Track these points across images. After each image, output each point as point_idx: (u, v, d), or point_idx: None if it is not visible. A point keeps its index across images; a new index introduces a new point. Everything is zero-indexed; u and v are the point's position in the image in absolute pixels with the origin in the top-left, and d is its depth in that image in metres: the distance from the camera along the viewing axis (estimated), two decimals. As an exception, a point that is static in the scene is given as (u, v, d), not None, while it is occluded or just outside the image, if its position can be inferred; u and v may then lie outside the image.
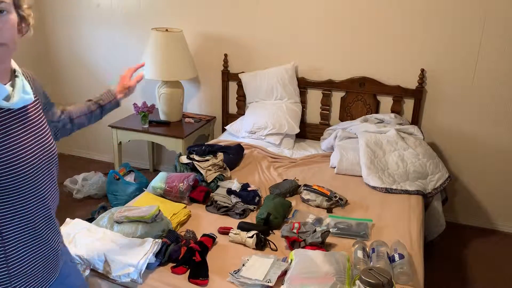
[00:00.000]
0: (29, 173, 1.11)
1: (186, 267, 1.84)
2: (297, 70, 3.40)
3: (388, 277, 1.51)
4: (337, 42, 3.26)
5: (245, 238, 2.02)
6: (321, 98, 3.40)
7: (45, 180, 1.18)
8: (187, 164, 2.70)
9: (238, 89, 3.59)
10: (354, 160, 2.83)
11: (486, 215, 3.32)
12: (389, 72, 3.19)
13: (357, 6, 3.13)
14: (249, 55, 3.50)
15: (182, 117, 3.67)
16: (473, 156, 3.20)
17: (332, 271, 1.70)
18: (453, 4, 2.93)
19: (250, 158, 3.00)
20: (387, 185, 2.65)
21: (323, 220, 2.23)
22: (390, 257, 1.88)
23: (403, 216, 2.36)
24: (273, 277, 1.73)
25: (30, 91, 1.16)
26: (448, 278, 2.76)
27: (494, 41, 2.93)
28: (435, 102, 3.17)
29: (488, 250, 3.07)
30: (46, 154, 1.19)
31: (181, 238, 2.00)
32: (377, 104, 3.27)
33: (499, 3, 2.85)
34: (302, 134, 3.43)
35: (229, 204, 2.34)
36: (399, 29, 3.09)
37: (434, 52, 3.06)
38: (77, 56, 4.03)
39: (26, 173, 1.10)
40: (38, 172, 1.14)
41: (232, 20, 3.47)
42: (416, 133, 3.01)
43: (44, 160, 1.18)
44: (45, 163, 1.18)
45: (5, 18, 1.03)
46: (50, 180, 1.20)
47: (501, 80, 2.99)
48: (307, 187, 2.50)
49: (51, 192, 1.21)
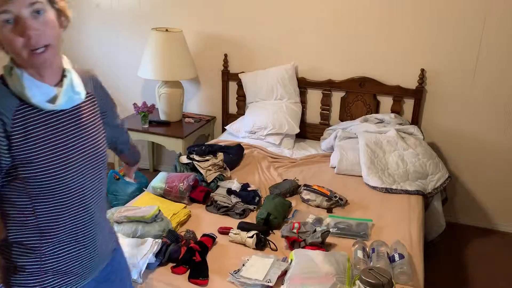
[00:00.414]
0: (71, 174, 1.10)
1: (186, 267, 1.84)
2: (297, 70, 3.40)
3: (388, 277, 1.51)
4: (337, 42, 3.26)
5: (245, 238, 2.02)
6: (321, 98, 3.40)
7: (90, 183, 1.16)
8: (187, 164, 2.70)
9: (238, 89, 3.59)
10: (354, 160, 2.83)
11: (486, 215, 3.32)
12: (389, 72, 3.19)
13: (357, 6, 3.13)
14: (249, 55, 3.50)
15: (182, 117, 3.67)
16: (473, 156, 3.20)
17: (332, 271, 1.70)
18: (453, 4, 2.93)
19: (250, 158, 3.00)
20: (387, 185, 2.65)
21: (323, 220, 2.23)
22: (390, 257, 1.88)
23: (403, 216, 2.35)
24: (273, 277, 1.73)
25: (80, 90, 1.14)
26: (448, 278, 2.76)
27: (494, 41, 2.93)
28: (435, 102, 3.17)
29: (488, 250, 3.06)
30: (94, 156, 1.17)
31: (181, 238, 2.00)
32: (377, 104, 3.27)
33: (499, 3, 2.85)
34: (302, 134, 3.42)
35: (229, 204, 2.34)
36: (399, 29, 3.09)
37: (434, 52, 3.06)
38: (77, 57, 4.02)
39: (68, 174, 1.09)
40: (82, 174, 1.13)
41: (232, 20, 3.47)
42: (416, 133, 3.01)
43: (91, 163, 1.16)
44: (91, 166, 1.16)
45: (43, 18, 1.01)
46: (95, 184, 1.18)
47: (501, 80, 2.99)
48: (307, 187, 2.50)
49: (95, 196, 1.19)
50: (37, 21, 0.99)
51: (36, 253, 1.12)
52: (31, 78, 1.04)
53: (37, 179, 1.05)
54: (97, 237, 1.23)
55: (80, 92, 1.14)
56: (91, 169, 1.16)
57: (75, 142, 1.12)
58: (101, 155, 1.20)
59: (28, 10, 0.98)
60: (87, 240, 1.20)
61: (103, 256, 1.28)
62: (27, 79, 1.03)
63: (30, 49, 0.99)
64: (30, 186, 1.06)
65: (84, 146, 1.14)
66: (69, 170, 1.10)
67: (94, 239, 1.22)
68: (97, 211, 1.21)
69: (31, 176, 1.05)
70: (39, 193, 1.07)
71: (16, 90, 1.03)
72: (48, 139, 1.07)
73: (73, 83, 1.12)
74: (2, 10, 0.95)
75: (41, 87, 1.05)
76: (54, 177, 1.07)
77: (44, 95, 1.05)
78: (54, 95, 1.07)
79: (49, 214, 1.10)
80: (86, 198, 1.15)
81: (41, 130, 1.06)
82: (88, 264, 1.22)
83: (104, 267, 1.29)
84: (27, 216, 1.09)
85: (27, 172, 1.04)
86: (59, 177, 1.08)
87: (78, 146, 1.13)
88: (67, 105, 1.10)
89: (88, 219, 1.18)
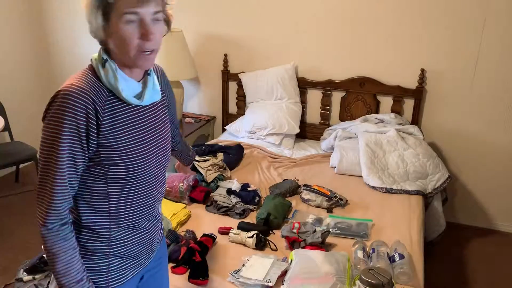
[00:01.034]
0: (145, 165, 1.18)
1: (186, 267, 1.84)
2: (297, 70, 3.40)
3: (388, 277, 1.51)
4: (337, 42, 3.26)
5: (245, 238, 2.02)
6: (321, 98, 3.40)
7: (158, 173, 1.24)
8: (187, 164, 2.69)
9: (238, 89, 3.59)
10: (354, 160, 2.83)
11: (486, 215, 3.32)
12: (389, 72, 3.19)
13: (357, 6, 3.13)
14: (249, 55, 3.50)
15: (182, 117, 3.67)
16: (473, 156, 3.20)
17: (332, 271, 1.70)
18: (453, 4, 2.93)
19: (250, 158, 3.00)
20: (387, 185, 2.65)
21: (323, 220, 2.23)
22: (390, 257, 1.88)
23: (403, 216, 2.36)
24: (273, 277, 1.73)
25: (159, 89, 1.23)
26: (448, 278, 2.76)
27: (494, 41, 2.93)
28: (435, 102, 3.17)
29: (488, 250, 3.06)
30: (163, 150, 1.25)
31: (181, 238, 2.00)
32: (377, 104, 3.27)
33: (499, 3, 2.85)
34: (302, 134, 3.42)
35: (229, 204, 2.34)
36: (399, 29, 3.09)
37: (434, 52, 3.06)
38: (77, 57, 4.02)
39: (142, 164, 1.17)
40: (153, 165, 1.21)
41: (232, 20, 3.47)
42: (416, 133, 3.01)
43: (161, 156, 1.24)
44: (160, 158, 1.24)
45: (159, 26, 1.10)
46: (161, 175, 1.26)
47: (501, 80, 2.99)
48: (307, 187, 2.50)
49: (160, 186, 1.28)
50: (155, 27, 1.08)
51: (105, 237, 1.19)
52: (123, 73, 1.12)
53: (117, 166, 1.13)
54: (157, 224, 1.33)
55: (159, 90, 1.23)
56: (160, 161, 1.24)
57: (151, 136, 1.20)
58: (168, 149, 1.29)
59: (151, 17, 1.07)
60: (150, 227, 1.28)
61: (158, 242, 1.37)
62: (120, 74, 1.11)
63: (141, 51, 1.07)
64: (110, 172, 1.13)
65: (157, 140, 1.22)
66: (144, 161, 1.18)
67: (154, 226, 1.31)
68: (159, 200, 1.30)
69: (112, 163, 1.12)
70: (116, 180, 1.15)
71: (107, 82, 1.10)
72: (130, 131, 1.15)
73: (154, 81, 1.21)
74: (132, 11, 1.03)
75: (130, 82, 1.13)
76: (131, 165, 1.15)
77: (132, 90, 1.13)
78: (139, 91, 1.16)
79: (120, 200, 1.18)
80: (153, 187, 1.24)
81: (125, 121, 1.14)
82: (148, 249, 1.31)
83: (156, 252, 1.38)
84: (101, 202, 1.16)
85: (109, 159, 1.11)
86: (136, 167, 1.15)
87: (153, 139, 1.21)
88: (148, 102, 1.18)
89: (152, 206, 1.26)
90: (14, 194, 3.59)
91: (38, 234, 1.15)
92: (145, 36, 1.06)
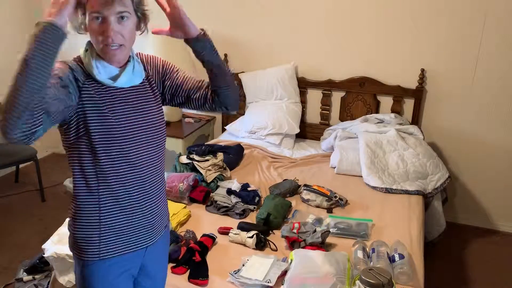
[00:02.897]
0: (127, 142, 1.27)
1: (186, 267, 1.84)
2: (297, 70, 3.40)
3: (388, 277, 1.51)
4: (337, 42, 3.26)
5: (245, 238, 2.02)
6: (321, 98, 3.40)
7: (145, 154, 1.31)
8: (187, 164, 2.69)
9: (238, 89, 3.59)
10: (354, 160, 2.83)
11: (486, 215, 3.32)
12: (389, 72, 3.19)
13: (357, 6, 3.13)
14: (249, 55, 3.50)
15: (182, 117, 3.67)
16: (473, 156, 3.20)
17: (332, 271, 1.70)
18: (453, 4, 2.93)
19: (250, 158, 3.00)
20: (387, 185, 2.65)
21: (323, 220, 2.23)
22: (390, 257, 1.88)
23: (403, 216, 2.35)
24: (273, 277, 1.73)
25: (140, 74, 1.33)
26: (448, 278, 2.76)
27: (494, 41, 2.93)
28: (435, 102, 3.17)
29: (488, 250, 3.06)
30: (150, 131, 1.33)
31: (181, 238, 2.00)
32: (377, 104, 3.27)
33: (499, 3, 2.85)
34: (302, 134, 3.43)
35: (229, 204, 2.34)
36: (399, 29, 3.09)
37: (434, 52, 3.06)
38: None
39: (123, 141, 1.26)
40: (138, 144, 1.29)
41: (232, 20, 3.47)
42: (416, 133, 3.01)
43: (147, 137, 1.32)
44: (147, 139, 1.32)
45: (125, 23, 1.22)
46: (150, 156, 1.33)
47: (501, 80, 2.99)
48: (307, 187, 2.50)
49: (151, 167, 1.34)
50: (120, 25, 1.21)
51: (95, 209, 1.29)
52: (101, 60, 1.25)
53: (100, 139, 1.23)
54: (153, 208, 1.38)
55: (141, 75, 1.33)
56: (146, 142, 1.32)
57: (133, 115, 1.29)
58: (158, 128, 1.36)
59: (115, 16, 1.19)
60: (145, 207, 1.35)
61: (158, 228, 1.42)
62: (97, 61, 1.24)
63: (106, 44, 1.20)
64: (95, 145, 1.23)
65: (142, 119, 1.31)
66: (125, 137, 1.26)
67: (152, 208, 1.37)
68: (153, 184, 1.36)
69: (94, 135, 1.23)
70: (100, 152, 1.24)
71: (86, 66, 1.25)
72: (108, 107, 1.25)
73: (135, 67, 1.31)
74: (96, 11, 1.18)
75: (107, 67, 1.25)
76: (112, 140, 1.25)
77: (107, 74, 1.25)
78: (116, 74, 1.27)
79: (107, 174, 1.27)
80: (142, 165, 1.31)
81: (103, 99, 1.25)
82: (143, 230, 1.36)
83: (158, 239, 1.43)
84: (89, 173, 1.27)
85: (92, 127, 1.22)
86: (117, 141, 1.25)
87: (136, 118, 1.30)
88: (125, 84, 1.29)
89: (144, 186, 1.33)
90: (14, 194, 3.59)
91: (38, 234, 1.15)
92: (105, 32, 1.19)
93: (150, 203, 1.37)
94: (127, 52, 1.28)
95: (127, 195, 1.31)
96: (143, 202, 1.34)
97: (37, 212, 3.30)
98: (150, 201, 1.37)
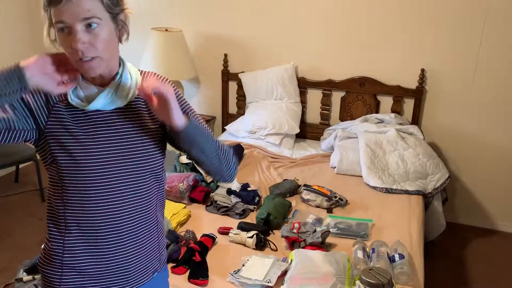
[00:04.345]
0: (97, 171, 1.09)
1: (186, 267, 1.84)
2: (297, 70, 3.40)
3: (388, 277, 1.51)
4: (337, 42, 3.26)
5: (245, 238, 2.02)
6: (321, 98, 3.40)
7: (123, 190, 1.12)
8: (187, 164, 2.70)
9: (238, 89, 3.59)
10: (354, 160, 2.83)
11: (486, 215, 3.32)
12: (389, 72, 3.19)
13: (357, 6, 3.13)
14: (249, 55, 3.50)
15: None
16: (473, 156, 3.20)
17: (332, 271, 1.70)
18: (453, 4, 2.93)
19: (250, 158, 3.00)
20: (387, 185, 2.65)
21: (323, 220, 2.23)
22: (390, 257, 1.88)
23: (403, 216, 2.35)
24: (273, 277, 1.73)
25: (126, 96, 1.12)
26: (448, 278, 2.76)
27: (494, 41, 2.93)
28: (435, 102, 3.17)
29: (488, 250, 3.06)
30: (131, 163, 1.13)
31: (181, 238, 2.00)
32: (377, 104, 3.27)
33: (499, 3, 2.85)
34: (302, 134, 3.42)
35: (229, 204, 2.34)
36: (399, 29, 3.09)
37: (434, 52, 3.06)
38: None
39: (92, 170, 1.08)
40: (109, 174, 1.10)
41: (232, 20, 3.47)
42: (416, 133, 3.01)
43: (126, 168, 1.12)
44: (122, 169, 1.12)
45: (96, 31, 1.01)
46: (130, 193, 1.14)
47: (501, 80, 2.99)
48: (307, 187, 2.50)
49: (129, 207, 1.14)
50: (89, 34, 1.01)
51: (60, 240, 1.15)
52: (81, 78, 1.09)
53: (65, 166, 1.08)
54: (130, 255, 1.17)
55: (124, 99, 1.12)
56: (124, 171, 1.12)
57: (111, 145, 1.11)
58: (141, 159, 1.14)
59: (81, 24, 1.00)
60: (116, 250, 1.15)
61: (137, 275, 1.21)
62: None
63: (79, 57, 1.02)
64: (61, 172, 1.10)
65: (122, 150, 1.12)
66: (98, 171, 1.09)
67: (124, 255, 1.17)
68: (133, 223, 1.16)
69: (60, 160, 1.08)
70: (67, 181, 1.10)
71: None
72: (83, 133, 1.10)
73: (119, 86, 1.11)
74: (58, 20, 1.00)
75: (87, 88, 1.09)
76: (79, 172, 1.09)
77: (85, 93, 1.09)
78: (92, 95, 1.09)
79: (73, 205, 1.12)
80: (116, 201, 1.12)
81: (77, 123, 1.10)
82: (112, 275, 1.17)
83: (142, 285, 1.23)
84: (57, 202, 1.14)
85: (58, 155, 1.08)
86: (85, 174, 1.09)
87: (113, 148, 1.11)
88: (106, 107, 1.11)
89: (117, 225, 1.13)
90: (14, 194, 3.59)
91: (38, 234, 1.15)
92: (73, 43, 1.00)
93: (125, 250, 1.16)
94: (108, 63, 1.07)
95: (96, 236, 1.13)
96: (114, 247, 1.15)
97: (37, 212, 3.30)
98: (125, 248, 1.16)
